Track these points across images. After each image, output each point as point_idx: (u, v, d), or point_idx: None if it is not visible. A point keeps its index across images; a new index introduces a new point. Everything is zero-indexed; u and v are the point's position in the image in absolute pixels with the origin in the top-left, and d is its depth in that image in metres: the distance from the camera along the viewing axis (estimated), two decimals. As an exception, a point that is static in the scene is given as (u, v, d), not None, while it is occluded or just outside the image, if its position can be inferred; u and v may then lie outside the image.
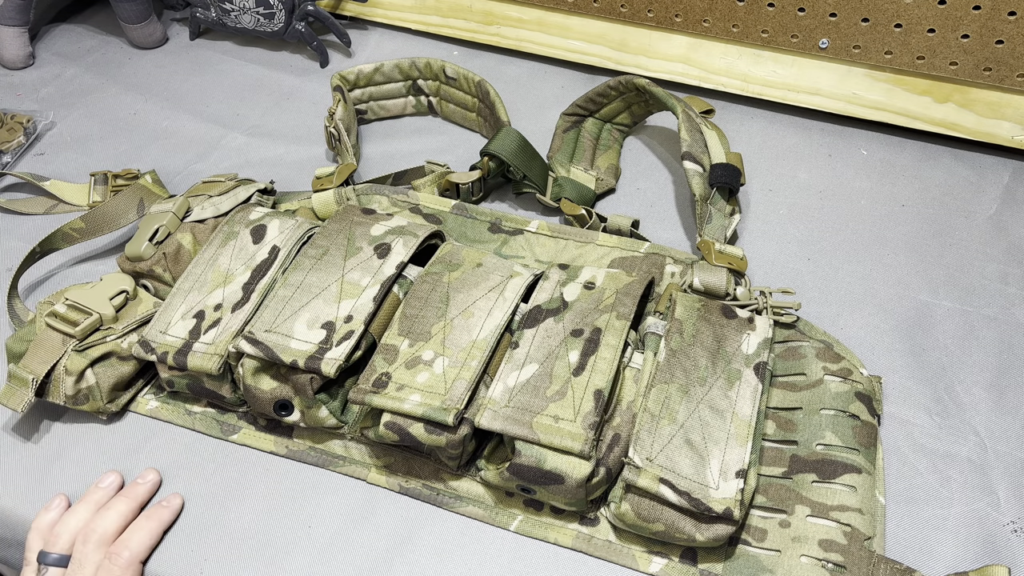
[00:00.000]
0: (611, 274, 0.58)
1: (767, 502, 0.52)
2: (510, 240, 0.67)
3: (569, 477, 0.49)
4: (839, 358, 0.57)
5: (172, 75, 0.93)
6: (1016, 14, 0.67)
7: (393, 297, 0.58)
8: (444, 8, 0.91)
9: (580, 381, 0.51)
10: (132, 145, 0.84)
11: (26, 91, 0.92)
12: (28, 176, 0.76)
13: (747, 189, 0.75)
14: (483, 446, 0.55)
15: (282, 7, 0.90)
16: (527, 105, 0.84)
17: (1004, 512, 0.53)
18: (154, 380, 0.62)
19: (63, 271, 0.71)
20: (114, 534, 0.52)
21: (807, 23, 0.75)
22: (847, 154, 0.78)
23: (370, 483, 0.56)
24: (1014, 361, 0.61)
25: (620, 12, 0.82)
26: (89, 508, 0.53)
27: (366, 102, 0.83)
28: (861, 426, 0.54)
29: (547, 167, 0.73)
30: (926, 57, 0.72)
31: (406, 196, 0.70)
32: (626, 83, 0.73)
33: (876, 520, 0.51)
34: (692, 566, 0.51)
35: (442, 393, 0.51)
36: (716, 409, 0.51)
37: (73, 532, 0.52)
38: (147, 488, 0.55)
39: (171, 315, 0.58)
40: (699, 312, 0.56)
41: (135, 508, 0.53)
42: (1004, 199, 0.73)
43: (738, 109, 0.83)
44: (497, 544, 0.53)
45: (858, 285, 0.67)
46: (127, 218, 0.70)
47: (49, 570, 0.51)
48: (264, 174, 0.79)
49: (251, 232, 0.62)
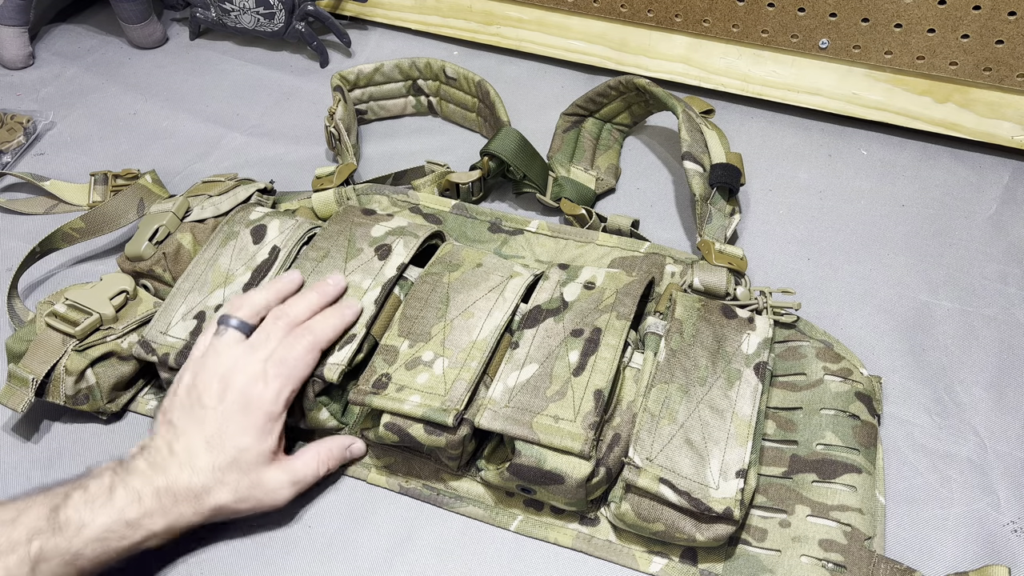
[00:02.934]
0: (611, 274, 0.58)
1: (767, 502, 0.52)
2: (510, 240, 0.67)
3: (569, 477, 0.49)
4: (839, 358, 0.57)
5: (172, 75, 0.93)
6: (1016, 14, 0.67)
7: (394, 298, 0.58)
8: (444, 8, 0.91)
9: (580, 381, 0.51)
10: (132, 145, 0.84)
11: (26, 91, 0.92)
12: (28, 176, 0.76)
13: (747, 189, 0.75)
14: (483, 446, 0.55)
15: (282, 7, 0.90)
16: (527, 105, 0.84)
17: (1004, 512, 0.53)
18: (154, 380, 0.62)
19: (63, 271, 0.71)
20: (304, 320, 0.53)
21: (807, 23, 0.75)
22: (847, 154, 0.78)
23: (370, 483, 0.56)
24: (1014, 361, 0.61)
25: (620, 12, 0.82)
26: (270, 293, 0.55)
27: (366, 102, 0.84)
28: (861, 426, 0.54)
29: (547, 167, 0.73)
30: (926, 57, 0.72)
31: (406, 196, 0.70)
32: (626, 83, 0.73)
33: (876, 520, 0.51)
34: (692, 566, 0.51)
35: (442, 394, 0.51)
36: (716, 409, 0.51)
37: (255, 305, 0.54)
38: (336, 289, 0.56)
39: (171, 315, 0.58)
40: (699, 312, 0.56)
41: (324, 304, 0.55)
42: (1004, 199, 0.73)
43: (738, 109, 0.83)
44: (497, 544, 0.53)
45: (858, 285, 0.67)
46: (127, 218, 0.70)
47: (229, 330, 0.53)
48: (264, 174, 0.78)
49: (251, 232, 0.62)
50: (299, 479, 0.52)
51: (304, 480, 0.53)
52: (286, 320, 0.53)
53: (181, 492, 0.48)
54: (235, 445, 0.50)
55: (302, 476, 0.52)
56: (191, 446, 0.49)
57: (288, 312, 0.53)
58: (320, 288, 0.56)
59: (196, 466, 0.49)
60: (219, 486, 0.49)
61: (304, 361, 0.52)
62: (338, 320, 0.54)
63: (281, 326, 0.53)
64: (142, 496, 0.47)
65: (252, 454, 0.50)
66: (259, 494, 0.50)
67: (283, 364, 0.51)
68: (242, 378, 0.51)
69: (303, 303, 0.54)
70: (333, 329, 0.53)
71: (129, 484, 0.47)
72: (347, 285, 0.56)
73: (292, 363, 0.51)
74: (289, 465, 0.52)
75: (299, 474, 0.52)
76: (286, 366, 0.51)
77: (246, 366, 0.51)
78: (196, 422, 0.50)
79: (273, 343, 0.52)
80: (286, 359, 0.51)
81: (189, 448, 0.49)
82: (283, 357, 0.51)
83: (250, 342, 0.53)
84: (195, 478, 0.49)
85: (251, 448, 0.50)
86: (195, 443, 0.50)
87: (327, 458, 0.54)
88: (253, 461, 0.50)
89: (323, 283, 0.56)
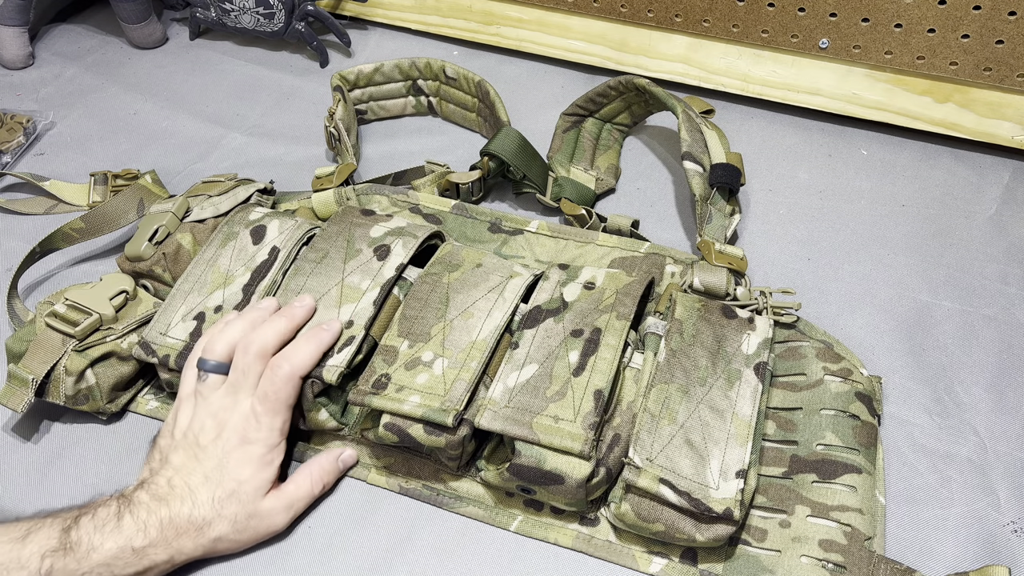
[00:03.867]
0: (611, 274, 0.58)
1: (767, 502, 0.52)
2: (510, 240, 0.67)
3: (569, 477, 0.49)
4: (839, 358, 0.57)
5: (172, 75, 0.93)
6: (1016, 14, 0.67)
7: (393, 299, 0.58)
8: (444, 8, 0.91)
9: (580, 381, 0.51)
10: (132, 145, 0.84)
11: (26, 91, 0.92)
12: (28, 176, 0.76)
13: (747, 189, 0.75)
14: (483, 446, 0.55)
15: (282, 7, 0.90)
16: (527, 105, 0.84)
17: (1004, 512, 0.53)
18: (154, 380, 0.62)
19: (63, 271, 0.71)
20: (273, 348, 0.53)
21: (807, 23, 0.75)
22: (847, 154, 0.78)
23: (370, 483, 0.56)
24: (1014, 361, 0.61)
25: (620, 12, 0.82)
26: (245, 324, 0.54)
27: (366, 102, 0.83)
28: (861, 426, 0.54)
29: (547, 167, 0.73)
30: (926, 57, 0.72)
31: (406, 196, 0.70)
32: (626, 83, 0.73)
33: (876, 520, 0.51)
34: (692, 566, 0.51)
35: (441, 394, 0.51)
36: (716, 409, 0.51)
37: (230, 342, 0.53)
38: (304, 311, 0.55)
39: (171, 316, 0.58)
40: (699, 312, 0.56)
41: (292, 328, 0.54)
42: (1004, 199, 0.73)
43: (738, 109, 0.83)
44: (497, 544, 0.53)
45: (858, 285, 0.67)
46: (127, 218, 0.70)
47: (209, 376, 0.53)
48: (264, 174, 0.78)
49: (251, 233, 0.62)
50: (293, 502, 0.53)
51: (298, 502, 0.53)
52: (255, 349, 0.52)
53: (183, 525, 0.49)
54: (234, 478, 0.50)
55: (295, 499, 0.53)
56: (190, 482, 0.50)
57: (255, 341, 0.53)
58: (288, 312, 0.55)
59: (197, 500, 0.49)
60: (219, 519, 0.50)
61: (286, 391, 0.52)
62: (314, 346, 0.53)
63: (252, 359, 0.52)
64: (148, 526, 0.48)
65: (251, 486, 0.51)
66: (256, 523, 0.51)
67: (266, 399, 0.52)
68: (234, 417, 0.52)
69: (270, 331, 0.53)
70: (310, 356, 0.53)
71: (136, 513, 0.48)
72: (316, 307, 0.56)
73: (275, 396, 0.52)
74: (283, 491, 0.53)
75: (292, 497, 0.53)
76: (270, 400, 0.52)
77: (234, 406, 0.52)
78: (194, 459, 0.51)
79: (252, 378, 0.52)
80: (268, 394, 0.52)
81: (188, 483, 0.50)
82: (265, 392, 0.52)
83: (231, 382, 0.53)
84: (196, 511, 0.49)
85: (250, 480, 0.51)
86: (194, 478, 0.50)
87: (320, 475, 0.54)
88: (252, 492, 0.51)
89: (291, 307, 0.55)
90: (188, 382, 0.54)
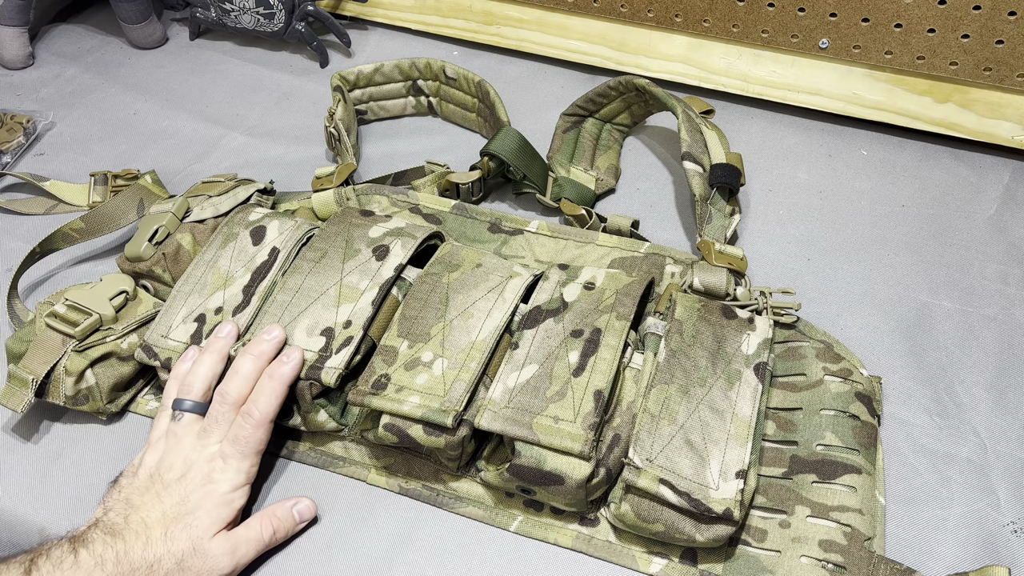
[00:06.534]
0: (611, 274, 0.58)
1: (767, 502, 0.52)
2: (510, 240, 0.67)
3: (569, 478, 0.49)
4: (839, 358, 0.57)
5: (172, 75, 0.93)
6: (1016, 14, 0.67)
7: (392, 299, 0.58)
8: (444, 8, 0.91)
9: (580, 382, 0.51)
10: (132, 145, 0.84)
11: (26, 91, 0.92)
12: (28, 176, 0.76)
13: (747, 189, 0.75)
14: (483, 447, 0.55)
15: (282, 7, 0.90)
16: (527, 105, 0.84)
17: (1004, 512, 0.53)
18: (154, 380, 0.62)
19: (63, 271, 0.71)
20: (246, 395, 0.54)
21: (807, 23, 0.75)
22: (847, 154, 0.78)
23: (370, 484, 0.56)
24: (1014, 361, 0.61)
25: (620, 12, 0.82)
26: (214, 357, 0.55)
27: (366, 102, 0.83)
28: (861, 426, 0.54)
29: (547, 167, 0.73)
30: (926, 57, 0.72)
31: (406, 196, 0.70)
32: (626, 83, 0.73)
33: (876, 520, 0.51)
34: (692, 567, 0.51)
35: (441, 395, 0.51)
36: (716, 409, 0.51)
37: (205, 380, 0.55)
38: (272, 344, 0.55)
39: (172, 318, 0.58)
40: (699, 312, 0.56)
41: (260, 366, 0.55)
42: (1004, 199, 0.73)
43: (738, 109, 0.83)
44: (497, 544, 0.53)
45: (858, 285, 0.67)
46: (127, 218, 0.70)
47: (184, 415, 0.54)
48: (264, 174, 0.79)
49: (251, 233, 0.62)
50: (238, 544, 0.51)
51: (245, 545, 0.51)
52: (230, 400, 0.53)
53: (136, 561, 0.48)
54: (189, 511, 0.50)
55: (243, 540, 0.51)
56: (147, 518, 0.50)
57: (230, 392, 0.53)
58: (255, 350, 0.55)
59: (151, 536, 0.49)
60: (167, 555, 0.49)
61: (255, 437, 0.53)
62: (277, 383, 0.53)
63: (227, 408, 0.53)
64: (104, 560, 0.47)
65: (204, 520, 0.50)
66: (198, 562, 0.49)
67: (236, 443, 0.52)
68: (202, 457, 0.52)
69: (240, 380, 0.54)
70: (275, 396, 0.53)
71: (91, 548, 0.48)
72: (285, 337, 0.56)
73: (244, 441, 0.52)
74: (232, 532, 0.52)
75: (240, 539, 0.51)
76: (238, 444, 0.52)
77: (204, 448, 0.53)
78: (155, 497, 0.51)
79: (224, 425, 0.53)
80: (238, 438, 0.52)
81: (145, 520, 0.50)
82: (235, 436, 0.53)
83: (203, 426, 0.53)
84: (148, 549, 0.48)
85: (205, 515, 0.50)
86: (152, 515, 0.50)
87: (271, 522, 0.53)
88: (203, 527, 0.50)
89: (258, 341, 0.55)
90: (160, 425, 0.54)
